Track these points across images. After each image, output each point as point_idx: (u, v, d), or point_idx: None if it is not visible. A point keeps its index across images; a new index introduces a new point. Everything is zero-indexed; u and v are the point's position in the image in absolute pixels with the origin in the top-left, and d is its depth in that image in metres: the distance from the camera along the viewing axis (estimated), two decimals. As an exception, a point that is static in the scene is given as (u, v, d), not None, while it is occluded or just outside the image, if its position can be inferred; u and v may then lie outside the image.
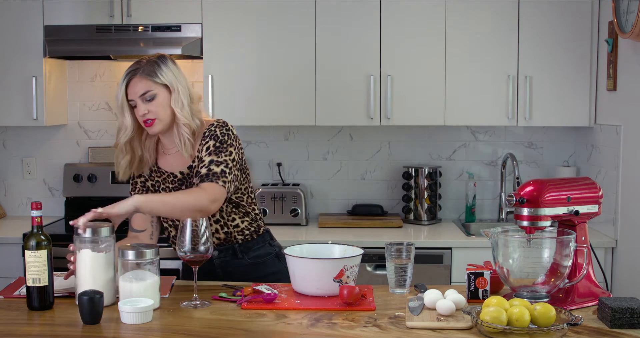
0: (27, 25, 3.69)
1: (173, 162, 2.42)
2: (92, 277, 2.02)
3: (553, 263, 2.02)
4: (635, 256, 3.13)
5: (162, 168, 2.44)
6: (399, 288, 2.21)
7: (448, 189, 4.02)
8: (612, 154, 3.36)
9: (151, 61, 2.33)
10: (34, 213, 2.03)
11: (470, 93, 3.63)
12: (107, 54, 3.70)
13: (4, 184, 4.13)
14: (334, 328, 1.87)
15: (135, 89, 2.30)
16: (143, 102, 2.30)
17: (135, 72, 2.31)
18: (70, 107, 4.09)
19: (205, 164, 2.30)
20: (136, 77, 2.30)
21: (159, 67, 2.32)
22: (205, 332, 1.86)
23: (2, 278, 3.42)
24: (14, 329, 1.88)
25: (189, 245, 2.05)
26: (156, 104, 2.30)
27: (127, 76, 2.31)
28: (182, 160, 2.40)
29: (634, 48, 3.12)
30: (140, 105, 2.30)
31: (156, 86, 2.31)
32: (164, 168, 2.44)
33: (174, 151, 2.42)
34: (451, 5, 3.59)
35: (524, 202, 2.06)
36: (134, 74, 2.30)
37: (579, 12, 3.58)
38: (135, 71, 2.31)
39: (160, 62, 2.34)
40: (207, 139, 2.35)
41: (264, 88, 3.64)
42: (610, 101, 3.44)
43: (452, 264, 3.40)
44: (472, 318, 1.85)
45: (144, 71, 2.30)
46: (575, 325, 1.79)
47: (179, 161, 2.41)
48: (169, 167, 2.43)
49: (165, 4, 3.65)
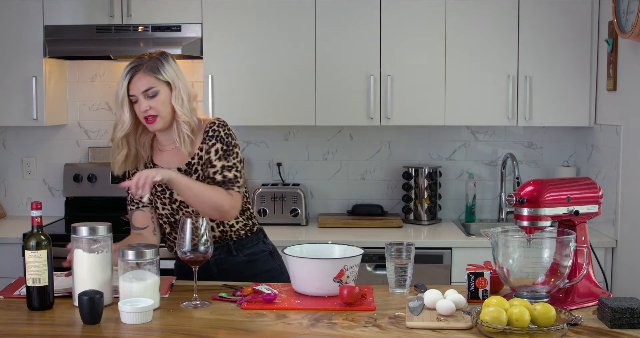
0: (27, 25, 3.69)
1: (169, 159, 2.43)
2: (90, 277, 2.02)
3: (553, 263, 2.02)
4: (635, 256, 3.13)
5: (157, 164, 2.44)
6: (399, 288, 2.21)
7: (448, 190, 4.02)
8: (612, 154, 3.36)
9: (154, 58, 2.33)
10: (34, 213, 2.03)
11: (470, 93, 3.63)
12: (107, 54, 3.70)
13: (4, 184, 4.13)
14: (334, 328, 1.87)
15: (138, 85, 2.30)
16: (145, 99, 2.30)
17: (138, 68, 2.30)
18: (70, 107, 4.09)
19: (218, 171, 2.33)
20: (139, 73, 2.30)
21: (162, 64, 2.32)
22: (205, 332, 1.86)
23: (2, 278, 3.42)
24: (14, 329, 1.88)
25: (189, 245, 2.05)
26: (158, 101, 2.31)
27: (130, 71, 2.31)
28: (178, 157, 2.40)
29: (634, 48, 3.12)
30: (143, 101, 2.30)
31: (159, 83, 2.31)
32: (160, 165, 2.43)
33: (170, 148, 2.42)
34: (451, 5, 3.59)
35: (524, 202, 2.06)
36: (137, 70, 2.30)
37: (579, 12, 3.58)
38: (138, 66, 2.31)
39: (163, 60, 2.34)
40: (213, 140, 2.36)
41: (264, 88, 3.64)
42: (610, 101, 3.44)
43: (452, 264, 3.40)
44: (472, 318, 1.85)
45: (147, 67, 2.30)
46: (575, 325, 1.79)
47: (175, 157, 2.41)
48: (164, 163, 2.43)
49: (165, 4, 3.65)
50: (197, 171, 2.38)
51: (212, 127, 2.38)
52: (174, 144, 2.39)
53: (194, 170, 2.38)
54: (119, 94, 2.32)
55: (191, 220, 2.06)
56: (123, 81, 2.31)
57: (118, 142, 2.38)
